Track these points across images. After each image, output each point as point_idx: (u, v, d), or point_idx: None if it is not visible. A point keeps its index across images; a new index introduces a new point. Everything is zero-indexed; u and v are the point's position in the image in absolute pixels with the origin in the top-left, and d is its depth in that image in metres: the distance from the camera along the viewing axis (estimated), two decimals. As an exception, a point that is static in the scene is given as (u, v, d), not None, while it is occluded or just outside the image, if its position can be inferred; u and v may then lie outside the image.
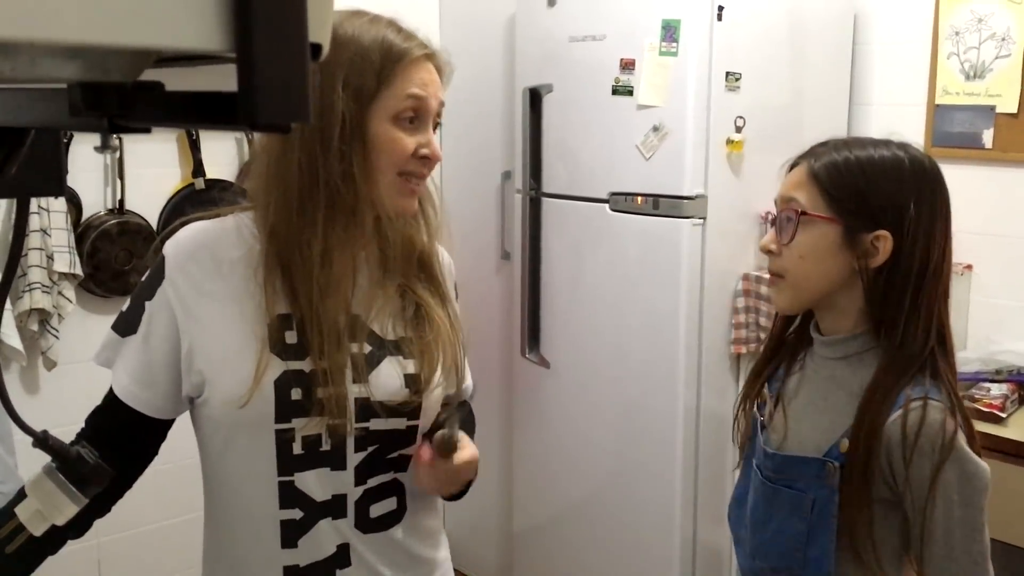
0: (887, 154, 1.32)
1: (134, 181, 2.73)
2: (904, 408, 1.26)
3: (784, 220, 1.34)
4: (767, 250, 1.37)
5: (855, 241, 1.30)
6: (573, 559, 2.94)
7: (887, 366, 1.30)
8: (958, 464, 1.25)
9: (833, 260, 1.32)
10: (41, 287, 2.47)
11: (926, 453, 1.24)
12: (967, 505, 1.26)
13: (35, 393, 2.65)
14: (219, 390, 1.21)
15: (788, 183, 1.37)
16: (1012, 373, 2.50)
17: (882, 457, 1.27)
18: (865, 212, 1.30)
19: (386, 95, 1.19)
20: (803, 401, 1.39)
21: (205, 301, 1.22)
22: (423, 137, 1.22)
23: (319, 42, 0.46)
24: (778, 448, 1.38)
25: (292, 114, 0.44)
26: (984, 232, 2.76)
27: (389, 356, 1.27)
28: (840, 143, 1.36)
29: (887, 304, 1.30)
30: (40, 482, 1.01)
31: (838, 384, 1.35)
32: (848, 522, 1.29)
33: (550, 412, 2.96)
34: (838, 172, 1.31)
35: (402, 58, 1.19)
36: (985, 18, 2.68)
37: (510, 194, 3.07)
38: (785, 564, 1.36)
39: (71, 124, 0.52)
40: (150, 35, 0.42)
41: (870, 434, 1.27)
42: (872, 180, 1.31)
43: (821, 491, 1.32)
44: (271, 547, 1.25)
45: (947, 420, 1.25)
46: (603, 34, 2.65)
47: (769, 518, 1.39)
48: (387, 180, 1.21)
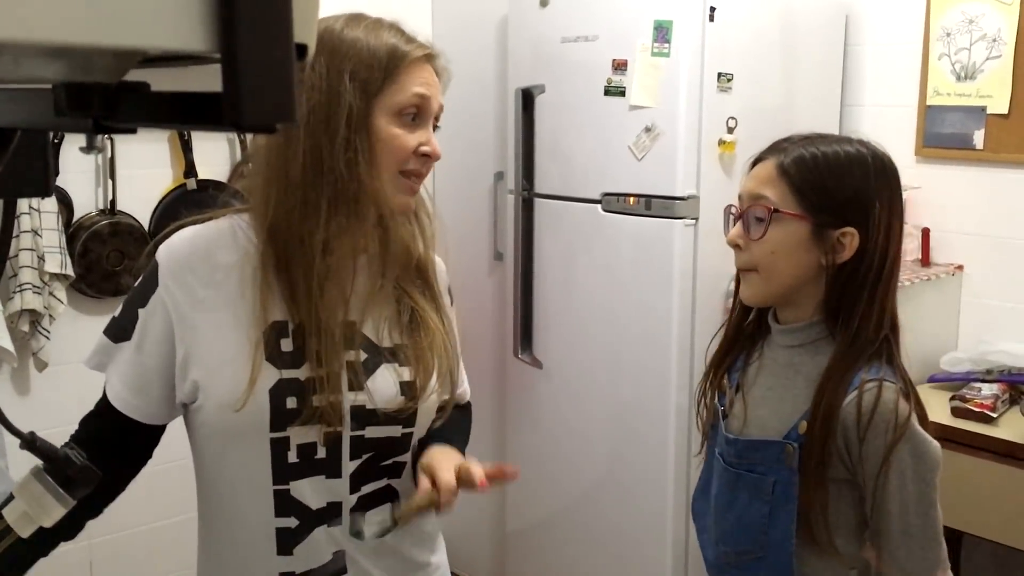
0: (852, 151, 1.36)
1: (125, 182, 2.72)
2: (859, 389, 1.31)
3: (753, 217, 1.36)
4: (734, 244, 1.40)
5: (823, 237, 1.34)
6: (566, 560, 2.94)
7: (844, 352, 1.34)
8: (911, 443, 1.30)
9: (802, 255, 1.35)
10: (32, 288, 2.46)
11: (880, 432, 1.29)
12: (920, 481, 1.31)
13: (26, 394, 2.65)
14: (214, 398, 1.21)
15: (756, 179, 1.38)
16: (1003, 373, 2.51)
17: (838, 437, 1.31)
18: (834, 209, 1.34)
19: (391, 91, 1.20)
20: (762, 388, 1.43)
21: (200, 308, 1.21)
22: (424, 135, 1.23)
23: (304, 42, 0.46)
24: (739, 434, 1.43)
25: (277, 114, 0.44)
26: (975, 233, 2.76)
27: (385, 363, 1.26)
28: (805, 139, 1.39)
29: (846, 296, 1.35)
30: (27, 484, 1.00)
31: (796, 370, 1.39)
32: (805, 502, 1.33)
33: (542, 413, 2.95)
34: (807, 168, 1.34)
35: (406, 57, 1.21)
36: (976, 19, 2.69)
37: (502, 195, 3.07)
38: (748, 547, 1.40)
39: (56, 125, 0.52)
40: (134, 35, 0.42)
41: (827, 415, 1.31)
42: (839, 177, 1.34)
43: (781, 473, 1.36)
44: (267, 554, 1.25)
45: (900, 401, 1.31)
46: (595, 35, 2.65)
47: (732, 503, 1.42)
48: (389, 176, 1.22)
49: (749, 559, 1.40)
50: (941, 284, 2.76)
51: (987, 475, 2.28)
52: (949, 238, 2.81)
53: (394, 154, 1.21)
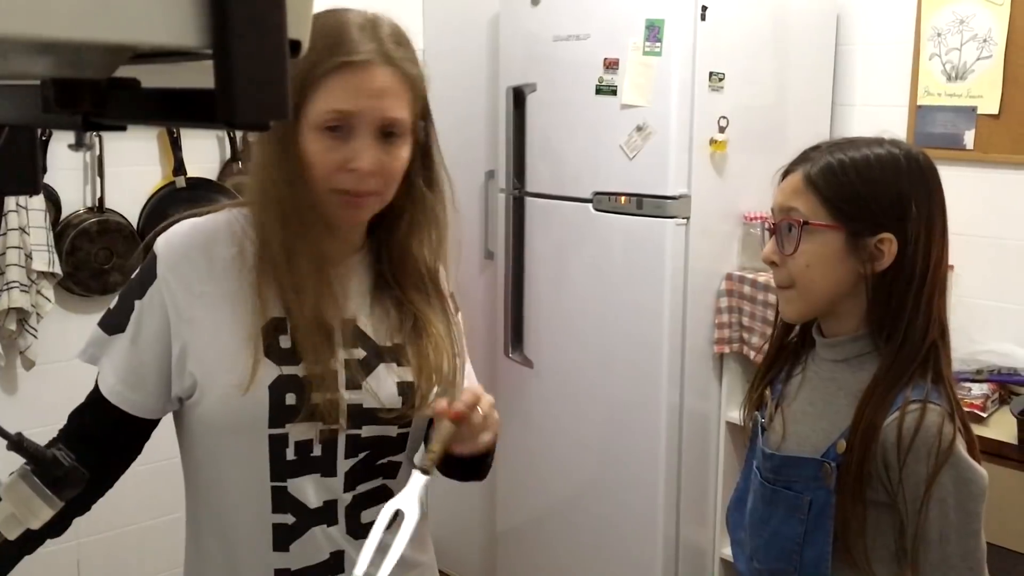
0: (882, 153, 1.30)
1: (114, 179, 2.70)
2: (901, 410, 1.25)
3: (785, 230, 1.32)
4: (770, 261, 1.35)
5: (859, 246, 1.28)
6: (556, 559, 2.94)
7: (888, 367, 1.28)
8: (955, 469, 1.24)
9: (839, 266, 1.29)
10: (19, 286, 2.45)
11: (921, 456, 1.23)
12: (962, 510, 1.25)
13: (13, 393, 2.63)
14: (212, 393, 1.20)
15: (785, 191, 1.33)
16: (993, 373, 2.52)
17: (878, 458, 1.26)
18: (867, 216, 1.28)
19: (311, 102, 1.13)
20: (803, 403, 1.38)
21: (198, 302, 1.20)
22: (352, 150, 1.14)
23: (298, 38, 0.46)
24: (777, 449, 1.38)
25: (271, 112, 0.43)
26: (965, 233, 2.77)
27: (384, 363, 1.25)
28: (833, 146, 1.33)
29: (890, 306, 1.29)
30: (14, 485, 0.99)
31: (838, 386, 1.34)
32: (842, 523, 1.28)
33: (533, 412, 2.95)
34: (835, 177, 1.28)
35: (335, 60, 1.12)
36: (967, 19, 2.70)
37: (493, 193, 3.06)
38: (782, 566, 1.35)
39: (45, 121, 0.51)
40: (125, 31, 0.41)
41: (866, 435, 1.26)
42: (870, 182, 1.28)
43: (818, 492, 1.31)
44: (263, 550, 1.24)
45: (945, 424, 1.24)
46: (587, 33, 2.64)
47: (767, 519, 1.38)
48: (322, 193, 1.16)
49: None
50: (931, 284, 2.76)
51: (977, 475, 2.29)
52: (939, 238, 2.81)
53: (313, 171, 1.15)
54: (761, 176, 1.47)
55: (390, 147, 1.17)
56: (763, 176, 1.45)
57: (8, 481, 1.00)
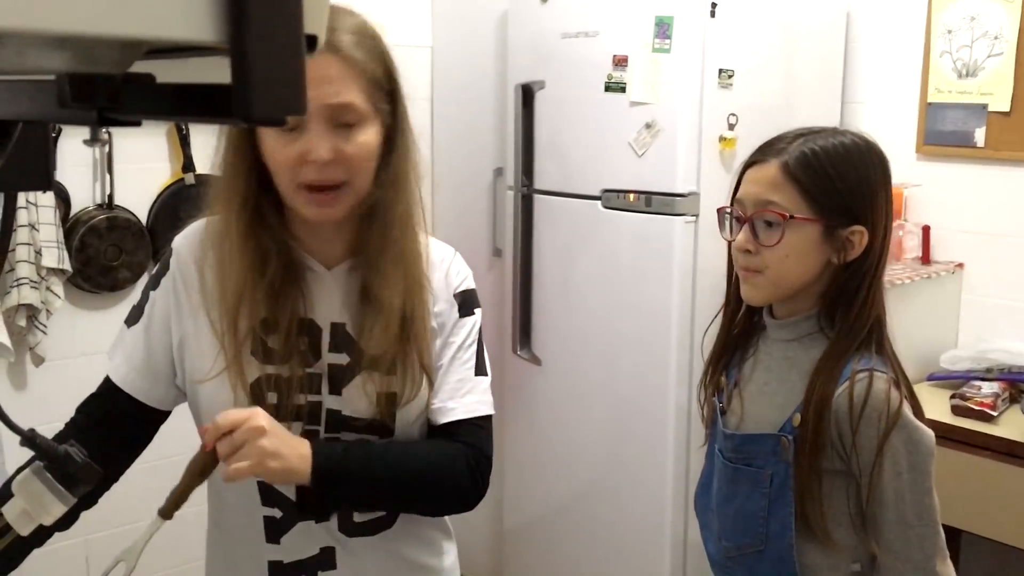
0: (847, 142, 1.36)
1: (123, 176, 2.71)
2: (850, 380, 1.31)
3: (764, 223, 1.35)
4: (744, 250, 1.37)
5: (833, 237, 1.34)
6: (564, 557, 2.94)
7: (836, 343, 1.35)
8: (904, 431, 1.30)
9: (813, 256, 1.35)
10: (29, 283, 2.45)
11: (872, 422, 1.30)
12: (914, 469, 1.31)
13: (23, 389, 2.63)
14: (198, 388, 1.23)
15: (760, 183, 1.36)
16: (1003, 372, 2.51)
17: (831, 428, 1.32)
18: (842, 209, 1.34)
19: None
20: (758, 383, 1.44)
21: (200, 298, 1.23)
22: (306, 143, 1.12)
23: (315, 33, 0.45)
24: (736, 429, 1.43)
25: (287, 107, 0.43)
26: (975, 231, 2.76)
27: (367, 370, 1.23)
28: (800, 136, 1.37)
29: (845, 290, 1.36)
30: (27, 481, 0.99)
31: (791, 364, 1.40)
32: (800, 492, 1.34)
33: (541, 410, 2.95)
34: (812, 169, 1.33)
35: None
36: (978, 16, 2.68)
37: (502, 191, 3.06)
38: (748, 540, 1.40)
39: (59, 117, 0.51)
40: (142, 25, 0.41)
41: (819, 406, 1.32)
42: (844, 173, 1.34)
43: (778, 466, 1.36)
44: (256, 541, 1.26)
45: (892, 390, 1.31)
46: (596, 30, 2.64)
47: (732, 498, 1.43)
48: (289, 190, 1.16)
49: (750, 553, 1.40)
50: (941, 282, 2.75)
51: (987, 474, 2.28)
52: (949, 236, 2.80)
53: (278, 168, 1.15)
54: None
55: (348, 134, 1.15)
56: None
57: (21, 477, 1.00)
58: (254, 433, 1.10)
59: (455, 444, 1.27)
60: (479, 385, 1.31)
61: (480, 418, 1.30)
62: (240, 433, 1.10)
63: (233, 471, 1.10)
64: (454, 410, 1.28)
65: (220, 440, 1.11)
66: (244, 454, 1.10)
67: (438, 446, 1.27)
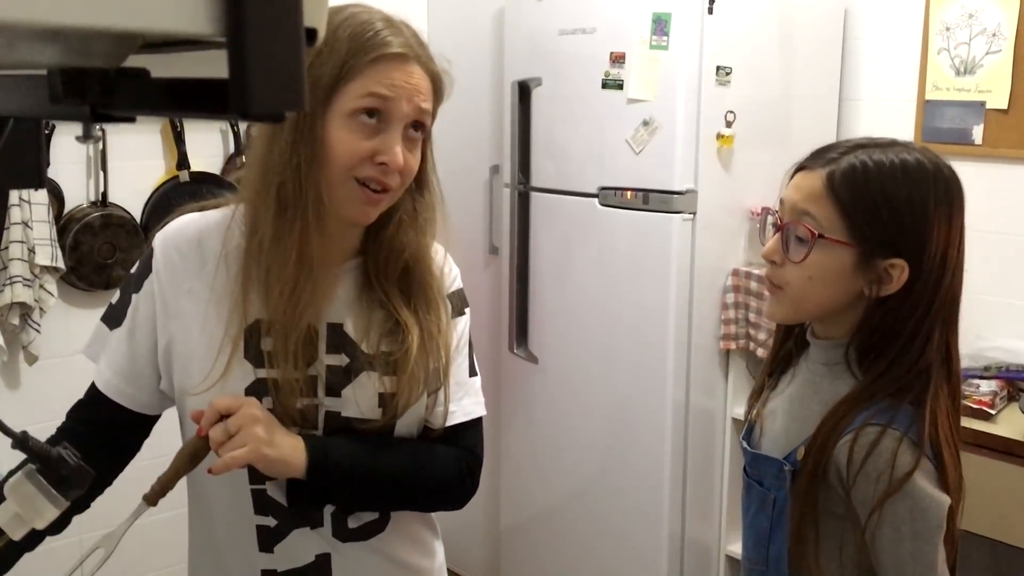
0: (910, 160, 1.20)
1: (117, 173, 2.69)
2: (856, 431, 1.19)
3: (794, 236, 1.23)
4: (770, 260, 1.28)
5: (869, 266, 1.20)
6: (561, 555, 2.93)
7: (860, 387, 1.23)
8: (911, 498, 1.18)
9: (841, 283, 1.22)
10: (22, 281, 2.44)
11: (871, 481, 1.18)
12: (917, 539, 1.19)
13: (16, 388, 2.62)
14: (189, 392, 1.19)
15: (802, 190, 1.23)
16: (1001, 370, 2.50)
17: (831, 475, 1.22)
18: (883, 236, 1.19)
19: (344, 91, 1.11)
20: (784, 400, 1.36)
21: (185, 298, 1.20)
22: (384, 142, 1.12)
23: (314, 26, 0.44)
24: (756, 445, 1.37)
25: (286, 102, 0.41)
26: (973, 228, 2.71)
27: (367, 370, 1.21)
28: (858, 147, 1.23)
29: (881, 330, 1.22)
30: (19, 485, 0.98)
31: (815, 390, 1.30)
32: (794, 526, 1.25)
33: (538, 408, 2.94)
34: (857, 185, 1.19)
35: (372, 52, 1.11)
36: (976, 13, 2.68)
37: (498, 188, 3.04)
38: (756, 556, 1.36)
39: (51, 112, 0.50)
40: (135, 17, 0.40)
41: (820, 450, 1.22)
42: (894, 194, 1.19)
43: (779, 492, 1.29)
44: (249, 550, 1.23)
45: (902, 452, 1.17)
46: (593, 27, 2.63)
47: (747, 510, 1.39)
48: (340, 183, 1.13)
49: (757, 569, 1.36)
50: (939, 280, 2.74)
51: (985, 472, 2.27)
52: (947, 234, 2.79)
53: (341, 159, 1.12)
54: (768, 171, 1.45)
55: (412, 146, 1.16)
56: (770, 171, 1.42)
57: (13, 481, 0.99)
58: (249, 420, 1.09)
59: (450, 445, 1.28)
60: (472, 387, 1.32)
61: (475, 420, 1.31)
62: (235, 419, 1.09)
63: (229, 458, 1.08)
64: (453, 413, 1.28)
65: (214, 426, 1.09)
66: (239, 441, 1.09)
67: (433, 445, 1.27)
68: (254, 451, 1.09)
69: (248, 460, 1.10)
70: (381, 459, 1.22)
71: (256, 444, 1.09)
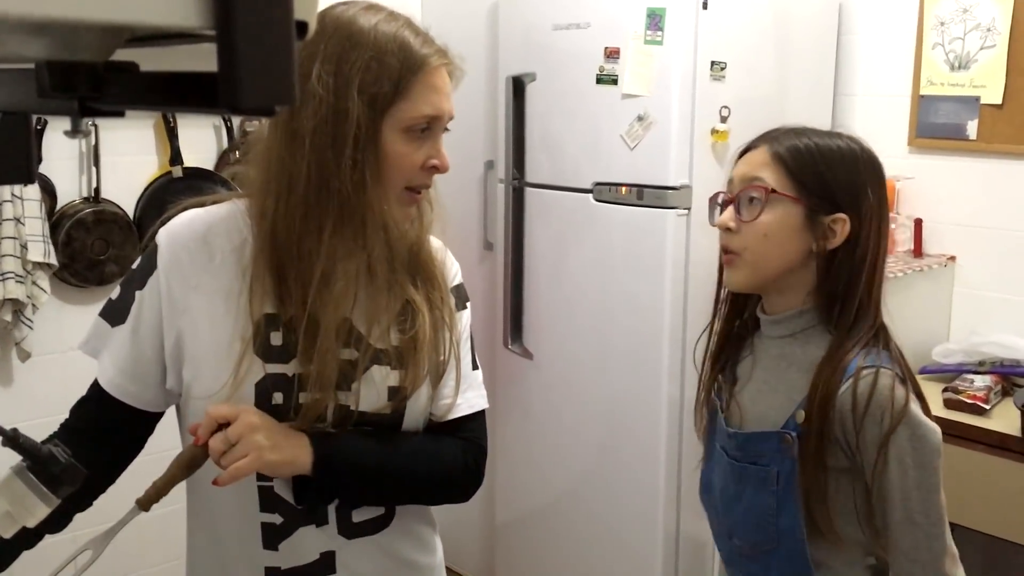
0: (842, 144, 1.38)
1: (110, 169, 2.68)
2: (855, 376, 1.30)
3: (747, 198, 1.36)
4: (726, 227, 1.38)
5: (815, 222, 1.34)
6: (556, 552, 2.93)
7: (840, 339, 1.34)
8: (909, 428, 1.29)
9: (793, 239, 1.35)
10: (15, 277, 2.42)
11: (876, 419, 1.28)
12: (921, 467, 1.29)
13: (8, 385, 2.60)
14: (199, 388, 1.18)
15: (751, 163, 1.38)
16: (995, 365, 2.51)
17: (836, 425, 1.31)
18: (827, 195, 1.34)
19: (402, 106, 1.15)
20: (757, 381, 1.43)
21: (194, 295, 1.19)
22: (433, 147, 1.20)
23: (305, 20, 0.43)
24: (739, 428, 1.42)
25: (276, 97, 0.41)
26: (968, 224, 2.76)
27: (377, 364, 1.22)
28: (795, 131, 1.39)
29: (841, 284, 1.35)
30: (9, 483, 0.97)
31: (788, 361, 1.39)
32: (806, 490, 1.33)
33: (533, 404, 2.94)
34: (800, 155, 1.35)
35: (421, 68, 1.15)
36: (970, 8, 2.68)
37: (493, 184, 3.04)
38: (760, 538, 1.39)
39: (39, 107, 0.49)
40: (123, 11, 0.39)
41: (823, 403, 1.31)
42: (832, 166, 1.35)
43: (784, 464, 1.35)
44: (253, 547, 1.23)
45: (897, 387, 1.30)
46: (587, 22, 2.62)
47: (739, 496, 1.42)
48: (395, 193, 1.18)
49: (764, 550, 1.39)
50: (933, 275, 2.75)
51: (979, 467, 2.28)
52: (942, 229, 2.80)
53: (402, 172, 1.17)
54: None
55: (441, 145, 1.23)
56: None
57: (3, 478, 0.98)
58: (248, 428, 1.10)
59: (456, 437, 1.30)
60: (475, 380, 1.35)
61: (478, 412, 1.34)
62: (234, 428, 1.09)
63: (234, 470, 1.09)
64: (459, 406, 1.30)
65: (214, 436, 1.09)
66: (241, 451, 1.09)
67: (438, 437, 1.29)
68: (257, 459, 1.10)
69: (252, 469, 1.10)
70: (388, 452, 1.23)
71: (258, 452, 1.10)
